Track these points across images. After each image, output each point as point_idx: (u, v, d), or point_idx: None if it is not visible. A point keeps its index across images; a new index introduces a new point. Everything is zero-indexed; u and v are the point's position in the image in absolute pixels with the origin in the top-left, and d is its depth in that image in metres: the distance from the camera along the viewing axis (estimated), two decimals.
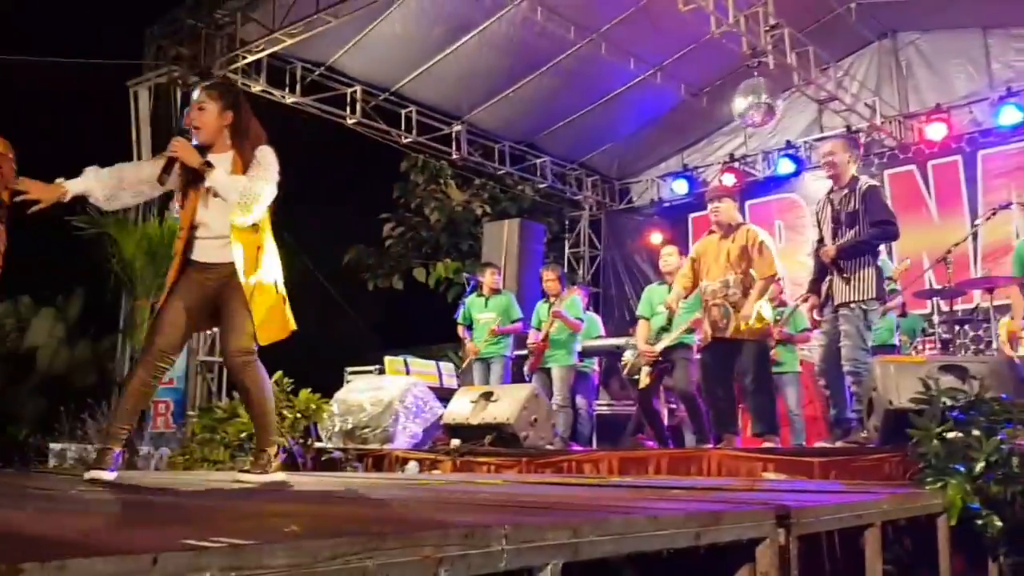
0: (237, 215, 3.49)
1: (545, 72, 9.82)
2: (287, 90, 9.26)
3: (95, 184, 3.55)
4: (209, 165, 3.49)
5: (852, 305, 5.03)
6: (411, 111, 10.16)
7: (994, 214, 6.25)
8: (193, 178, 3.54)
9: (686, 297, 5.91)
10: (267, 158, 3.62)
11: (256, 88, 9.02)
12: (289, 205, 4.07)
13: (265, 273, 3.61)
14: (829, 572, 3.47)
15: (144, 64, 8.65)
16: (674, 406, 7.49)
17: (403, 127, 10.16)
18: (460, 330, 8.18)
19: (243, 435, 5.50)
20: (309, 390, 6.09)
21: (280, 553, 1.24)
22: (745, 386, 5.56)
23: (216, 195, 3.50)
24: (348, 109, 9.68)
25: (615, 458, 5.30)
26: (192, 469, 5.43)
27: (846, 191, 5.23)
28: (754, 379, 5.50)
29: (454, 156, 10.82)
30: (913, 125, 9.86)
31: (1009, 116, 8.99)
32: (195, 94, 3.69)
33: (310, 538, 1.34)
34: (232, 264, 3.54)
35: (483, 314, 7.97)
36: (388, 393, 6.95)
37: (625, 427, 8.02)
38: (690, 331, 6.19)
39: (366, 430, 6.72)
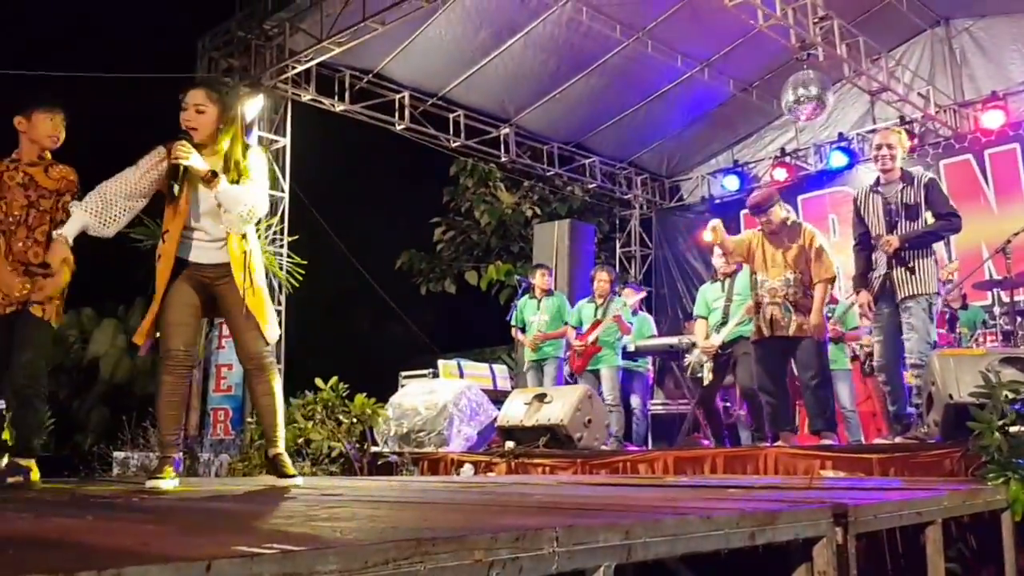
0: (238, 226, 3.50)
1: (591, 72, 9.81)
2: (336, 98, 9.40)
3: (85, 217, 3.46)
4: (215, 174, 3.45)
5: (919, 297, 4.96)
6: (459, 115, 10.23)
7: None
8: (180, 180, 3.46)
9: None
10: (260, 165, 3.62)
11: (306, 97, 9.18)
12: (342, 212, 4.12)
13: (258, 273, 3.66)
14: (890, 571, 3.41)
15: (196, 77, 8.84)
16: (729, 404, 7.43)
17: (451, 131, 10.24)
18: (514, 332, 8.21)
19: (300, 440, 5.60)
20: (364, 395, 6.18)
21: (331, 558, 1.26)
22: (805, 383, 5.49)
23: (218, 204, 3.46)
24: (397, 115, 9.79)
25: (670, 457, 5.28)
26: (251, 475, 5.54)
27: (901, 184, 5.15)
28: (815, 376, 5.43)
29: (503, 159, 10.87)
30: (969, 114, 9.62)
31: None
32: (191, 94, 3.60)
33: (361, 543, 1.37)
34: (229, 265, 3.55)
35: (536, 316, 7.98)
36: (442, 396, 7.01)
37: (680, 426, 7.96)
38: (746, 321, 6.15)
39: (421, 433, 6.78)
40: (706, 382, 6.43)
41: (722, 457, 5.08)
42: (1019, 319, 6.92)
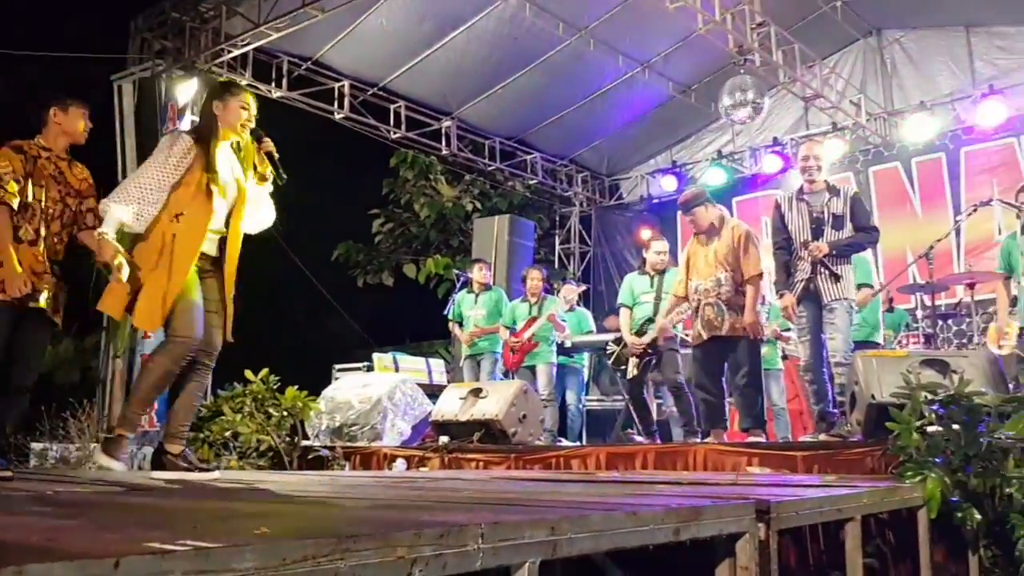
0: (265, 224, 3.86)
1: (534, 68, 9.82)
2: (273, 84, 9.23)
3: (124, 213, 3.54)
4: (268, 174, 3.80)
5: (843, 301, 5.20)
6: (400, 106, 10.15)
7: (975, 210, 6.28)
8: (210, 173, 3.64)
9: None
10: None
11: (242, 82, 8.99)
12: (277, 201, 4.11)
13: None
14: (811, 565, 3.50)
15: (128, 58, 8.60)
16: (661, 400, 7.53)
17: (392, 122, 10.15)
18: (452, 327, 8.19)
19: (227, 433, 5.50)
20: (296, 388, 6.09)
21: (248, 555, 1.23)
22: (736, 382, 5.59)
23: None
24: (336, 104, 9.66)
25: (603, 453, 5.32)
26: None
27: (827, 194, 5.34)
28: (745, 375, 5.54)
29: (444, 152, 10.83)
30: (898, 122, 9.91)
31: (992, 113, 9.02)
32: (249, 98, 3.87)
33: (280, 540, 1.34)
34: (220, 259, 3.71)
35: (473, 311, 7.98)
36: (376, 390, 6.94)
37: (615, 422, 8.04)
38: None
39: (354, 428, 6.72)
40: (630, 375, 6.49)
41: (653, 453, 5.14)
42: (940, 322, 7.15)
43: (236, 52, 8.70)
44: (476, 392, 6.29)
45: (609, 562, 2.81)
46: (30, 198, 3.77)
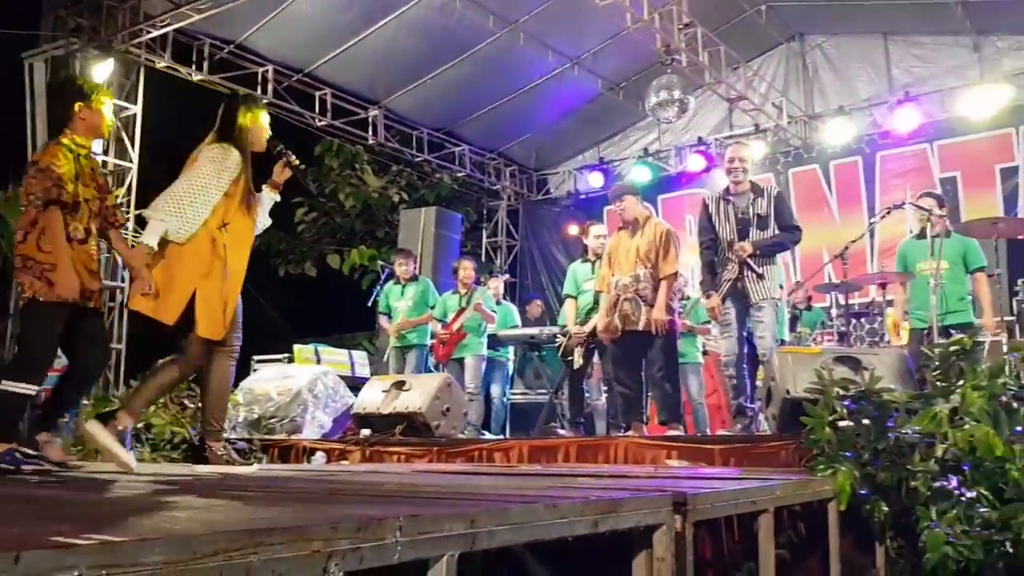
0: (259, 231, 4.08)
1: (464, 60, 9.77)
2: (194, 67, 8.98)
3: (169, 221, 3.62)
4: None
5: (770, 300, 5.36)
6: (326, 94, 9.98)
7: (888, 213, 6.50)
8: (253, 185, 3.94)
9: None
10: None
11: (161, 64, 8.74)
12: None
13: None
14: (726, 556, 3.57)
15: (41, 35, 8.26)
16: (588, 394, 7.58)
17: (317, 110, 9.98)
18: (381, 319, 8.11)
19: (140, 425, 5.33)
20: None
21: (156, 550, 1.19)
22: (653, 376, 5.68)
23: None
24: (259, 89, 9.43)
25: (525, 446, 5.33)
26: (87, 460, 5.23)
27: (752, 195, 5.45)
28: (662, 368, 5.63)
29: (370, 141, 10.70)
30: (818, 125, 10.19)
31: (906, 120, 9.35)
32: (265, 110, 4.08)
33: (189, 534, 1.30)
34: None
35: (400, 302, 7.91)
36: (297, 382, 6.84)
37: (538, 415, 8.08)
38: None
39: (273, 420, 6.60)
40: (576, 365, 6.53)
41: (575, 446, 5.17)
42: (853, 321, 7.39)
43: (155, 33, 8.44)
44: (399, 385, 6.24)
45: (529, 555, 2.82)
46: (79, 197, 3.77)
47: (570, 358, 6.57)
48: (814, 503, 3.23)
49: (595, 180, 11.73)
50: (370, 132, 10.54)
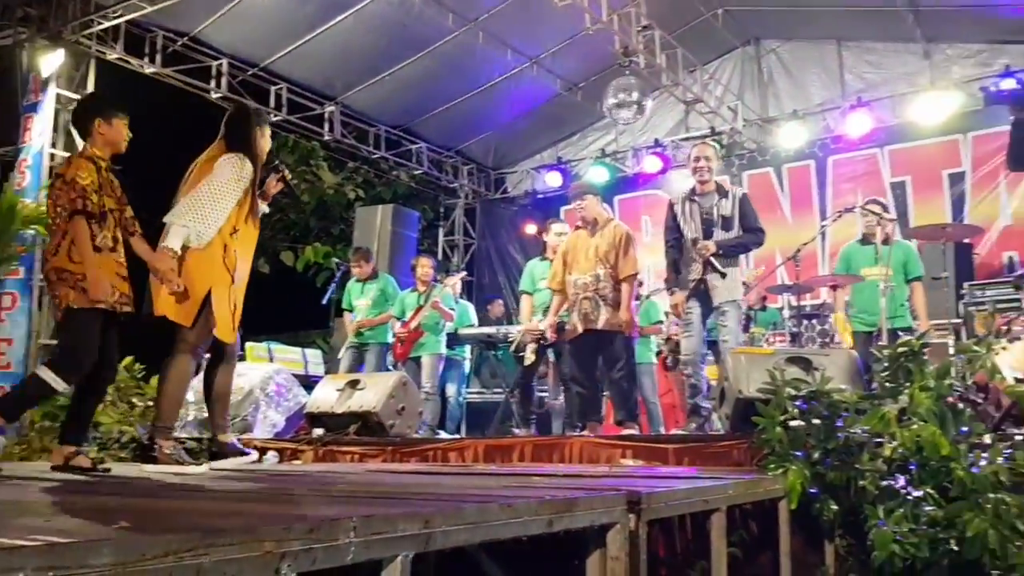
0: None
1: (422, 57, 9.71)
2: (146, 59, 8.81)
3: (192, 226, 3.79)
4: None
5: (734, 302, 5.44)
6: (282, 88, 9.85)
7: (840, 216, 6.62)
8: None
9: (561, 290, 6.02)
10: None
11: (112, 56, 8.55)
12: (148, 181, 3.98)
13: None
14: (679, 554, 3.60)
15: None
16: (544, 394, 7.61)
17: (273, 105, 9.84)
18: (345, 316, 8.06)
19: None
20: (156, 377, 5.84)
21: (105, 551, 1.17)
22: (612, 376, 5.71)
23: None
24: (213, 83, 9.30)
25: (481, 446, 5.32)
26: (30, 460, 5.12)
27: (717, 196, 5.51)
28: (620, 369, 5.66)
29: (326, 137, 10.58)
30: (772, 129, 10.33)
31: (858, 125, 9.52)
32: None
33: (139, 534, 1.27)
34: None
35: (360, 299, 7.87)
36: (248, 380, 6.74)
37: (495, 415, 8.08)
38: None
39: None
40: (528, 362, 6.53)
41: (531, 446, 5.17)
42: (805, 322, 7.52)
43: (107, 24, 8.26)
44: (353, 384, 6.19)
45: (483, 555, 2.82)
46: (105, 207, 3.89)
47: (522, 354, 6.58)
48: (765, 502, 3.27)
49: (553, 180, 11.75)
50: (326, 128, 10.43)
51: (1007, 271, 8.41)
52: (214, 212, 3.83)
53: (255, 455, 4.24)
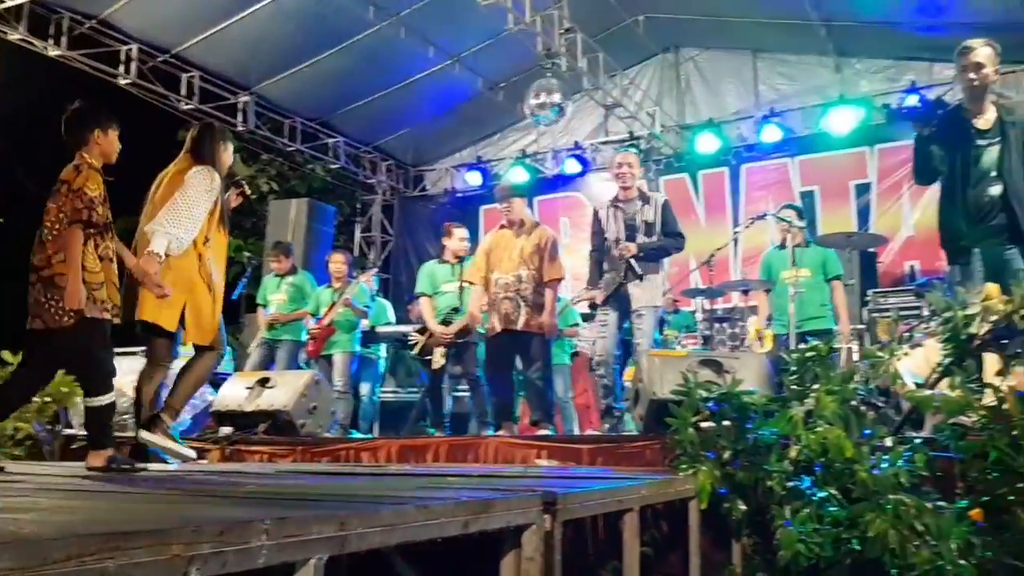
0: None
1: (342, 50, 9.55)
2: (51, 41, 8.43)
3: (180, 237, 4.10)
4: None
5: (652, 308, 5.55)
6: (194, 76, 9.56)
7: (752, 223, 6.80)
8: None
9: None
10: None
11: (14, 36, 8.16)
12: (51, 168, 3.82)
13: None
14: (592, 554, 3.63)
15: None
16: (459, 394, 7.58)
17: (184, 93, 9.55)
18: (259, 311, 7.88)
19: None
20: (61, 372, 5.61)
21: (3, 556, 1.11)
22: (529, 377, 5.73)
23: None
24: (122, 68, 8.96)
25: (394, 446, 5.28)
26: None
27: (640, 202, 5.60)
28: (538, 370, 5.70)
29: (240, 128, 10.30)
30: (688, 136, 10.54)
31: (770, 134, 9.81)
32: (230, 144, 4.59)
33: (40, 538, 1.21)
34: None
35: (276, 295, 7.72)
36: None
37: (409, 414, 8.02)
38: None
39: (125, 416, 6.27)
40: (436, 365, 6.49)
41: (445, 446, 5.16)
42: (717, 325, 7.69)
43: (9, 3, 7.88)
44: (263, 382, 6.06)
45: (397, 556, 2.79)
46: (108, 219, 3.94)
47: (428, 358, 6.55)
48: (676, 502, 3.33)
49: (473, 179, 11.75)
50: (240, 119, 10.15)
51: (909, 280, 8.79)
52: (191, 220, 4.11)
53: (191, 453, 4.51)
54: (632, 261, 5.47)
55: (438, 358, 6.43)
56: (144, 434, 4.21)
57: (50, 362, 3.99)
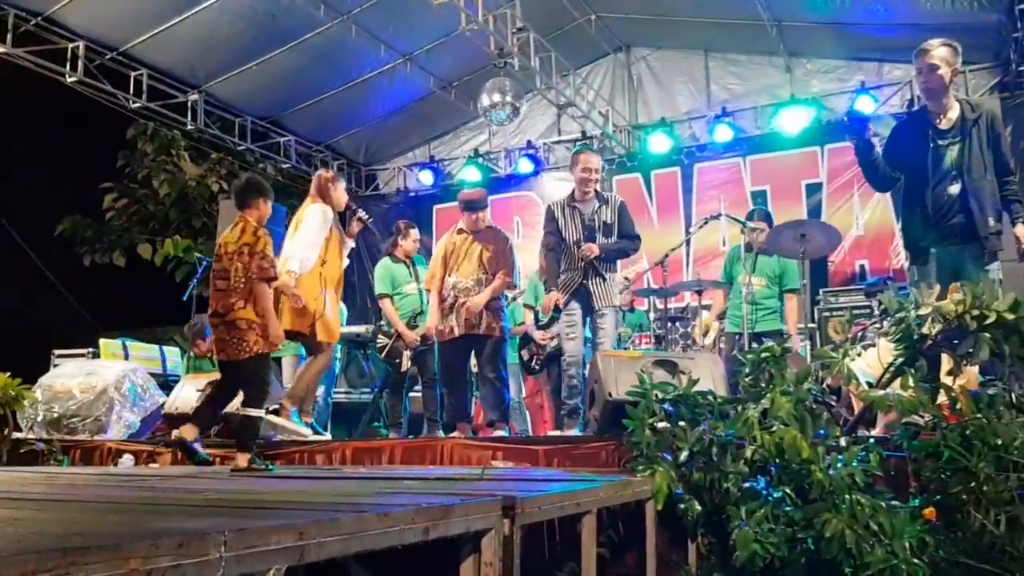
0: None
1: (292, 49, 9.44)
2: None
3: (299, 260, 5.31)
4: None
5: (613, 308, 5.61)
6: (142, 74, 9.36)
7: (705, 223, 6.87)
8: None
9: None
10: None
11: None
12: None
13: None
14: (548, 558, 3.64)
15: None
16: (413, 395, 7.53)
17: (132, 91, 9.35)
18: None
19: None
20: (8, 375, 5.48)
21: None
22: (487, 378, 5.72)
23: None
24: (68, 66, 8.75)
25: (349, 448, 5.24)
26: None
27: (596, 202, 5.64)
28: (495, 371, 5.70)
29: (189, 127, 10.13)
30: (640, 135, 10.62)
31: (722, 134, 9.92)
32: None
33: None
34: None
35: None
36: (102, 379, 6.40)
37: (362, 415, 7.95)
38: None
39: (75, 419, 6.15)
40: (404, 368, 6.47)
41: (400, 448, 5.13)
42: (670, 324, 7.76)
43: None
44: (216, 384, 5.96)
45: (353, 561, 2.76)
46: None
47: (397, 360, 6.51)
48: (632, 503, 3.35)
49: (425, 178, 11.70)
50: (189, 117, 9.98)
51: (859, 279, 8.95)
52: (312, 247, 5.35)
53: (306, 431, 5.49)
54: (596, 262, 5.50)
55: (406, 361, 6.42)
56: (271, 417, 5.18)
57: (234, 384, 4.78)
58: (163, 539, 1.41)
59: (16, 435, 5.72)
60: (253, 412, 4.63)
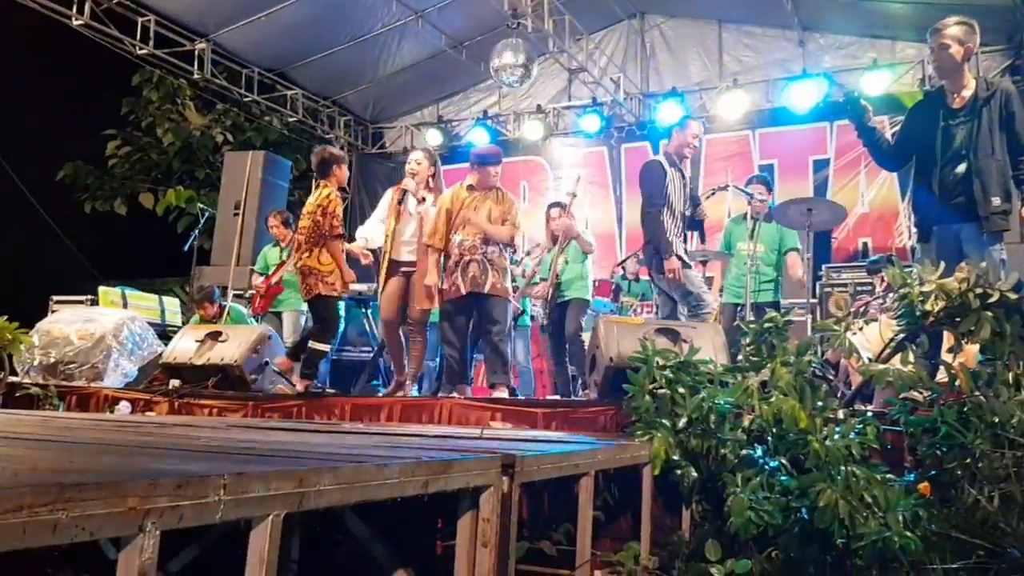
0: None
1: (303, 0, 9.32)
2: None
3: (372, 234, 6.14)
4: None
5: None
6: (149, 20, 9.23)
7: (713, 194, 6.83)
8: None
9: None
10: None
11: None
12: None
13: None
14: (546, 516, 3.65)
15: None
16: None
17: (139, 37, 9.23)
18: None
19: None
20: (5, 318, 5.47)
21: None
22: (490, 338, 5.67)
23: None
24: (75, 8, 8.63)
25: (348, 404, 5.24)
26: None
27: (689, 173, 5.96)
28: (499, 332, 5.66)
29: (196, 76, 10.01)
30: (651, 104, 10.52)
31: (732, 106, 9.81)
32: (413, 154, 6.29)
33: None
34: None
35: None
36: (100, 326, 6.39)
37: (360, 373, 7.97)
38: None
39: (72, 365, 6.15)
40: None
41: (399, 406, 5.13)
42: None
43: None
44: (215, 335, 5.96)
45: (350, 512, 2.77)
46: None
47: None
48: (629, 467, 3.35)
49: (433, 138, 11.58)
50: (196, 66, 9.86)
51: (861, 256, 8.93)
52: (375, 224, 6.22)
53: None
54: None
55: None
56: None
57: (314, 318, 5.82)
58: (162, 479, 1.40)
59: (12, 379, 5.72)
60: (319, 347, 5.62)
